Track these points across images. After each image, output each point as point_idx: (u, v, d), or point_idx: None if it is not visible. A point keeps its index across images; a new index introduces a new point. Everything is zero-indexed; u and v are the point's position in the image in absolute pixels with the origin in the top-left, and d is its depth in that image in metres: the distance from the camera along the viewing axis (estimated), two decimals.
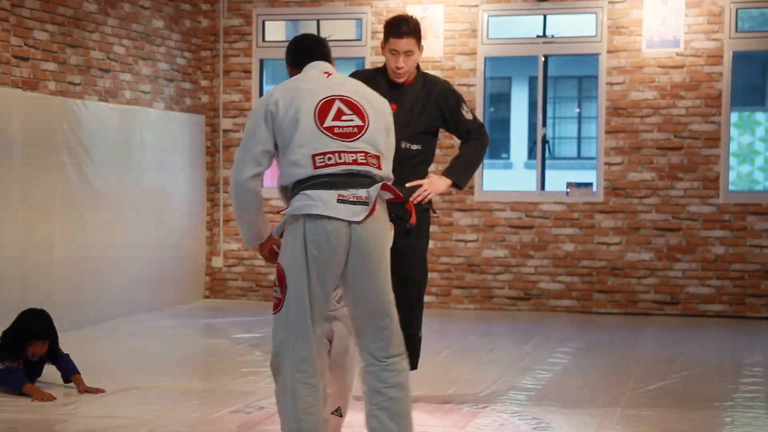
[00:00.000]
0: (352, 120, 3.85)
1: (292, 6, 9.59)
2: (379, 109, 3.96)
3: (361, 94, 3.95)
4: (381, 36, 9.51)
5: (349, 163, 3.79)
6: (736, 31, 8.80)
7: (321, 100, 3.85)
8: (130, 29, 8.56)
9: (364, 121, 3.87)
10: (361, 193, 3.78)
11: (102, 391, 5.62)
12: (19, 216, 7.09)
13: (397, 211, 5.23)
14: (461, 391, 5.78)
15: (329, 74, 3.98)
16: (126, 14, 8.51)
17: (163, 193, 8.92)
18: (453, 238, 9.21)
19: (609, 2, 8.95)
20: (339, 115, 3.85)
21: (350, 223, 3.75)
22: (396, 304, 5.03)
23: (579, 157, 20.95)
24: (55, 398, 5.42)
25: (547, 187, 9.35)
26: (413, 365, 5.44)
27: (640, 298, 8.99)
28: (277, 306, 3.79)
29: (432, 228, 5.92)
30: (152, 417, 5.01)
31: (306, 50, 4.09)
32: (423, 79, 5.42)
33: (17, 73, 7.21)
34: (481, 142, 5.45)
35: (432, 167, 5.52)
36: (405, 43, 5.24)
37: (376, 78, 5.34)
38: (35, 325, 5.65)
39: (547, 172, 9.49)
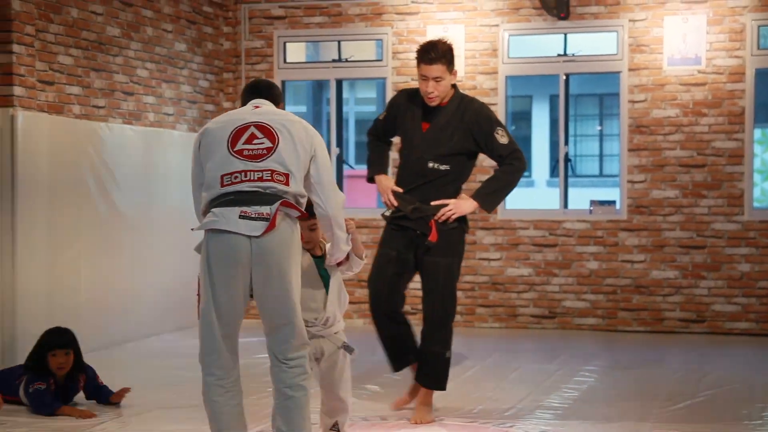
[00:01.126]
0: (262, 143, 4.15)
1: (313, 28, 9.64)
2: (296, 135, 4.21)
3: (279, 121, 4.24)
4: (401, 57, 9.59)
5: (254, 180, 4.10)
6: (758, 48, 8.78)
7: (236, 127, 4.19)
8: (153, 52, 8.63)
9: (273, 143, 4.16)
10: (264, 209, 4.06)
11: (127, 390, 5.74)
12: (46, 238, 7.14)
13: (422, 228, 5.29)
14: (487, 409, 5.76)
15: (257, 107, 4.32)
16: (149, 38, 8.58)
17: (186, 214, 8.89)
18: (477, 256, 9.19)
19: (630, 20, 8.95)
20: (251, 139, 4.16)
21: (250, 237, 4.04)
22: (424, 321, 5.31)
23: (601, 174, 20.89)
24: (96, 415, 5.46)
25: (570, 205, 9.34)
26: (440, 386, 5.51)
27: (666, 316, 8.94)
28: (198, 314, 4.21)
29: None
30: None
31: (253, 91, 4.45)
32: (459, 101, 5.48)
33: (43, 98, 7.28)
34: (514, 167, 5.46)
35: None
36: (434, 69, 5.35)
37: (415, 98, 5.52)
38: (56, 337, 5.69)
39: (570, 190, 9.48)
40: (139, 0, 8.44)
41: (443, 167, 5.39)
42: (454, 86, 5.49)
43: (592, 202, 9.26)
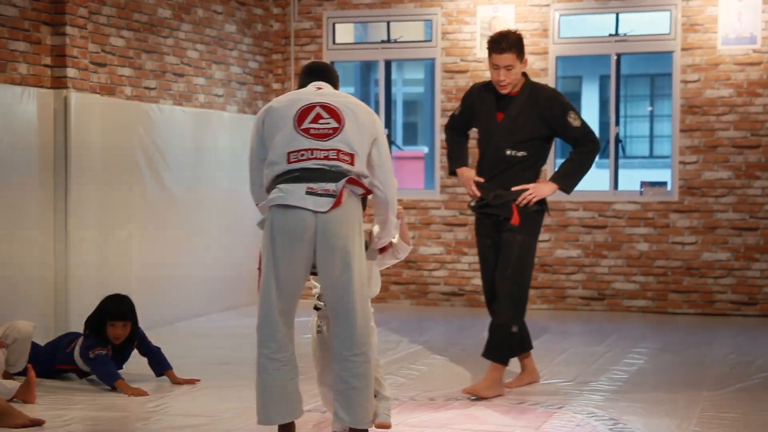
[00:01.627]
0: (328, 123, 4.20)
1: (362, 8, 9.63)
2: (360, 116, 4.25)
3: (344, 103, 4.29)
4: (450, 37, 9.54)
5: (320, 159, 4.14)
6: None
7: (303, 107, 4.23)
8: (203, 34, 8.68)
9: (339, 123, 4.20)
10: (330, 186, 4.11)
11: (196, 381, 5.79)
12: (97, 218, 7.23)
13: (505, 213, 5.60)
14: (536, 391, 5.75)
15: (320, 88, 4.35)
16: (200, 19, 8.63)
17: (236, 195, 9.01)
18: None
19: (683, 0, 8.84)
20: (317, 118, 4.20)
21: (316, 213, 4.08)
22: (496, 292, 5.57)
23: (651, 156, 20.68)
24: (147, 394, 5.53)
25: (620, 187, 9.26)
26: (503, 359, 5.65)
27: (717, 298, 8.85)
28: (258, 288, 4.27)
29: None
30: (230, 415, 5.07)
31: (311, 73, 4.48)
32: (531, 88, 5.68)
33: (95, 79, 7.36)
34: (588, 149, 5.68)
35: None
36: (505, 58, 5.53)
37: (488, 88, 5.72)
38: (116, 307, 5.78)
39: (620, 171, 9.40)
40: None
41: (520, 153, 5.63)
42: (524, 75, 5.69)
43: (643, 183, 9.18)
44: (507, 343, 5.61)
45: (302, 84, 4.46)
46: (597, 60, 9.46)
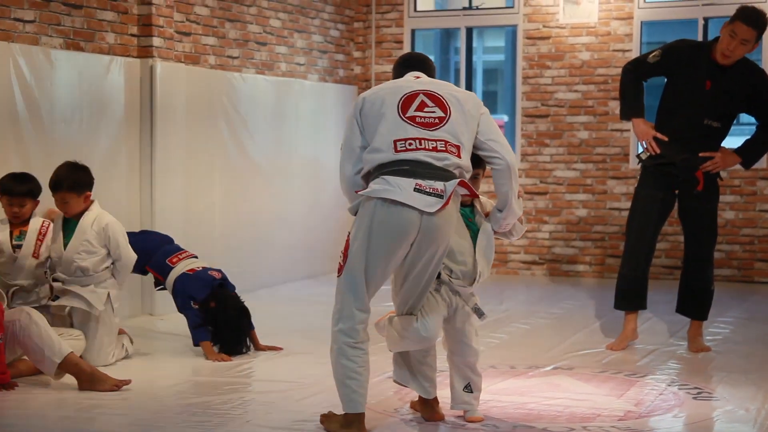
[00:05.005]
0: (434, 111, 4.05)
1: None
2: (465, 105, 4.10)
3: (447, 90, 4.13)
4: (533, 3, 9.43)
5: (428, 150, 3.96)
6: None
7: (405, 94, 4.07)
8: (285, 2, 8.73)
9: (446, 113, 4.04)
10: (438, 185, 3.94)
11: (279, 348, 5.88)
12: (183, 185, 7.35)
13: (688, 176, 5.76)
14: (618, 359, 5.71)
15: (418, 77, 4.20)
16: None
17: (317, 163, 9.08)
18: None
19: None
20: (421, 106, 4.04)
21: (422, 212, 3.91)
22: (689, 260, 5.91)
23: (738, 122, 20.20)
24: (231, 359, 5.62)
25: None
26: (704, 316, 6.04)
27: None
28: (339, 271, 4.11)
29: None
30: (312, 381, 5.13)
31: (407, 64, 4.32)
32: (743, 64, 5.75)
33: (180, 48, 7.45)
34: None
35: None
36: (749, 32, 5.58)
37: (701, 52, 5.76)
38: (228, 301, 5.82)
39: None
40: None
41: (716, 124, 5.76)
42: None
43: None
44: (710, 302, 6.03)
45: (397, 75, 4.30)
46: (684, 25, 9.23)
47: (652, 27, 9.50)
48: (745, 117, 6.51)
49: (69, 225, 5.50)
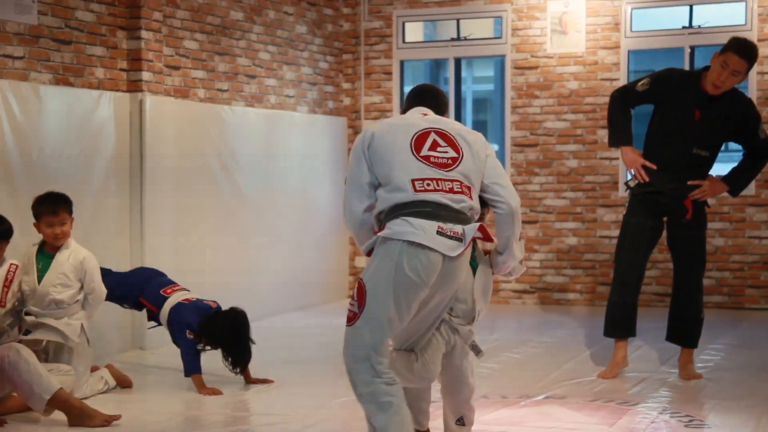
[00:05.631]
0: (447, 152, 3.99)
1: (432, 6, 9.63)
2: (474, 146, 4.06)
3: (456, 129, 4.08)
4: (521, 33, 9.48)
5: (446, 191, 3.89)
6: None
7: (417, 132, 3.99)
8: (274, 35, 8.77)
9: (458, 153, 3.99)
10: (458, 228, 3.87)
11: (270, 381, 5.85)
12: (172, 219, 7.35)
13: (676, 204, 5.81)
14: (610, 388, 5.70)
15: (426, 114, 4.14)
16: (271, 21, 8.72)
17: (307, 194, 9.10)
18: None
19: None
20: (434, 146, 3.97)
21: (444, 256, 3.85)
22: (678, 288, 5.94)
23: (726, 149, 20.29)
24: (221, 393, 5.59)
25: None
26: (694, 344, 6.04)
27: None
28: (351, 319, 3.88)
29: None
30: (304, 414, 5.12)
31: (419, 98, 4.23)
32: (731, 94, 5.78)
33: (169, 82, 7.48)
34: (764, 161, 5.94)
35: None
36: (741, 64, 5.62)
37: (690, 82, 5.79)
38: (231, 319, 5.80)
39: None
40: None
41: (704, 153, 5.81)
42: None
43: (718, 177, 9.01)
44: (700, 330, 6.03)
45: (407, 107, 4.24)
46: (670, 53, 9.31)
47: (639, 56, 9.57)
48: (733, 144, 6.55)
49: (42, 258, 5.49)
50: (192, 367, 5.67)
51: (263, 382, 5.88)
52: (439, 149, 3.96)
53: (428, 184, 3.89)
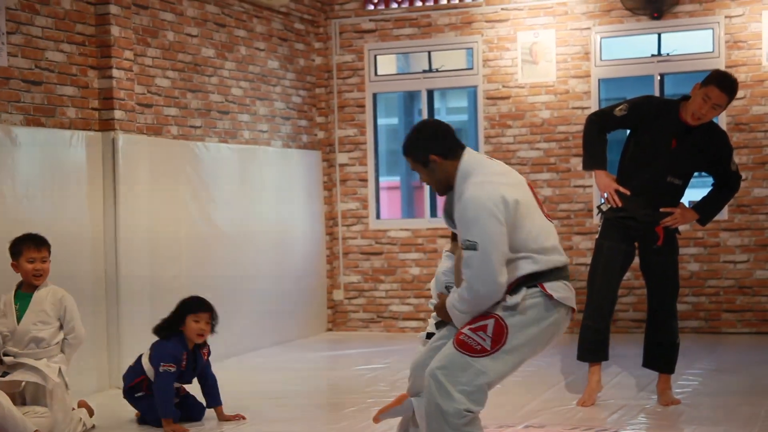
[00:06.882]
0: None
1: (403, 39, 9.69)
2: None
3: None
4: (492, 64, 9.54)
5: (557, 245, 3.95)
6: None
7: (527, 184, 3.91)
8: (246, 71, 8.79)
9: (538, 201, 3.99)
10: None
11: (242, 417, 5.80)
12: (148, 255, 7.32)
13: (648, 230, 5.87)
14: (589, 416, 5.70)
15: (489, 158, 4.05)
16: (242, 57, 8.74)
17: (283, 229, 9.08)
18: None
19: (726, 17, 8.77)
20: (536, 195, 3.98)
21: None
22: (653, 313, 5.98)
23: (699, 174, 20.43)
24: (189, 431, 5.54)
25: None
26: (671, 369, 6.05)
27: None
28: (478, 352, 3.74)
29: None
30: None
31: (452, 137, 3.94)
32: (708, 126, 5.85)
33: (142, 120, 7.47)
34: (733, 191, 6.05)
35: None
36: (722, 99, 5.70)
37: (669, 111, 5.84)
38: (199, 303, 5.78)
39: None
40: (232, 21, 8.61)
41: (677, 182, 5.87)
42: None
43: (690, 203, 9.06)
44: (677, 355, 6.04)
45: (454, 146, 3.90)
46: (640, 81, 9.39)
47: (610, 84, 9.65)
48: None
49: (20, 298, 5.46)
50: (165, 408, 5.60)
51: (236, 418, 5.82)
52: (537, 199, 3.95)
53: (558, 246, 3.94)
